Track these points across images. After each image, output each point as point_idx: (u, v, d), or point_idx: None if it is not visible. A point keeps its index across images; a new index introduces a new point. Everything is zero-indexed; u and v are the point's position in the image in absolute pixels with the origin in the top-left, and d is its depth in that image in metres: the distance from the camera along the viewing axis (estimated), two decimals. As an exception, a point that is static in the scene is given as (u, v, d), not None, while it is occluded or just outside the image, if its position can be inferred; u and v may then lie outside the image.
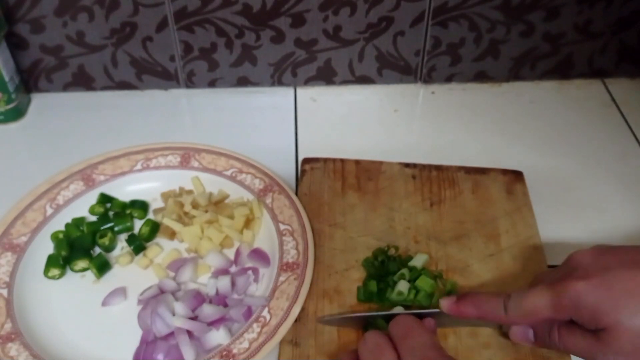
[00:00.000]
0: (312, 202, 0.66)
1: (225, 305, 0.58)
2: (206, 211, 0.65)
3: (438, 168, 0.71)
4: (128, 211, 0.67)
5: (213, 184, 0.69)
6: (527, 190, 0.68)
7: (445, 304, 0.53)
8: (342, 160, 0.71)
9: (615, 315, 0.45)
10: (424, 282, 0.58)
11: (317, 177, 0.70)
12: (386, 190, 0.68)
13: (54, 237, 0.64)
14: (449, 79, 0.84)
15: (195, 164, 0.70)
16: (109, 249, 0.64)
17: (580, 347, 0.48)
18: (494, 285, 0.60)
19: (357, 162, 0.71)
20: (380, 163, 0.71)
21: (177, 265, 0.62)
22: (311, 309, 0.58)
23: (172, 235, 0.65)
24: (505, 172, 0.70)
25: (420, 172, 0.70)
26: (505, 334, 0.55)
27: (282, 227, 0.63)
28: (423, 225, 0.65)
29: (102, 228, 0.65)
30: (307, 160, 0.72)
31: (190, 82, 0.83)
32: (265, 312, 0.56)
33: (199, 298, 0.58)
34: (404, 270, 0.59)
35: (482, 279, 0.60)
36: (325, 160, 0.72)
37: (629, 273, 0.46)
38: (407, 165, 0.71)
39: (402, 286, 0.58)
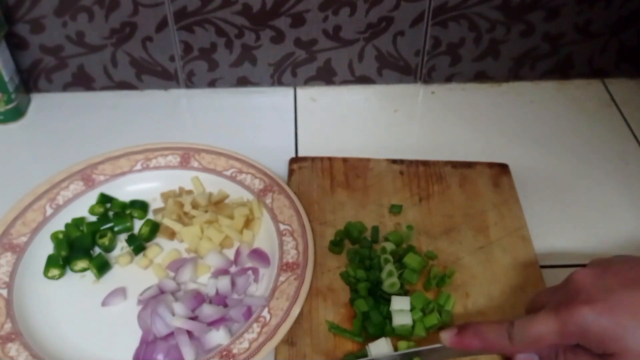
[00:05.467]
0: (302, 201, 0.66)
1: (225, 306, 0.58)
2: (206, 211, 0.65)
3: (425, 163, 0.71)
4: (128, 211, 0.67)
5: (213, 184, 0.69)
6: (514, 183, 0.69)
7: (447, 337, 0.51)
8: (330, 159, 0.72)
9: (622, 342, 0.44)
10: (411, 259, 0.59)
11: (305, 176, 0.70)
12: (375, 187, 0.69)
13: (54, 237, 0.64)
14: (449, 79, 0.84)
15: (195, 164, 0.70)
16: (108, 249, 0.64)
17: None
18: (484, 277, 0.60)
19: (345, 160, 0.71)
20: (368, 160, 0.71)
21: (177, 265, 0.62)
22: (306, 307, 0.58)
23: (172, 235, 0.65)
24: (491, 165, 0.71)
25: (408, 167, 0.70)
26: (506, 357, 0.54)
27: (282, 227, 0.63)
28: (413, 220, 0.65)
29: (102, 228, 0.65)
30: (294, 160, 0.72)
31: (190, 82, 0.83)
32: (265, 312, 0.56)
33: (198, 298, 0.58)
34: (385, 244, 0.60)
35: (473, 272, 0.61)
36: (313, 159, 0.72)
37: (632, 295, 0.46)
38: (394, 161, 0.71)
39: (391, 271, 0.58)
